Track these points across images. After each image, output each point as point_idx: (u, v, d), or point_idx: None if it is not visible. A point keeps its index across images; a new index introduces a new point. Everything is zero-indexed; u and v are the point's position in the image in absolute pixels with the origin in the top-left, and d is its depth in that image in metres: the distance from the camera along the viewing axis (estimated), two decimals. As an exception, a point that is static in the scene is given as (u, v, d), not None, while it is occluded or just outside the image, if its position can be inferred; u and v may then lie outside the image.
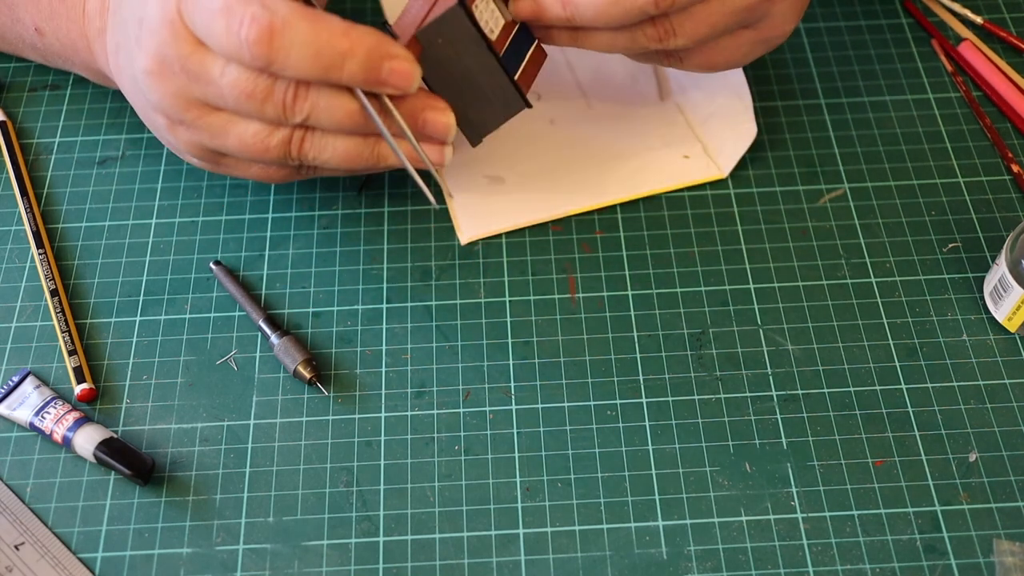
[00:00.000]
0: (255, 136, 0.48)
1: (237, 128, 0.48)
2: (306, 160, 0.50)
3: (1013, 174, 0.60)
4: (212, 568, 0.48)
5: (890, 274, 0.56)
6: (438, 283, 0.56)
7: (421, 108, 0.49)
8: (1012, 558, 0.48)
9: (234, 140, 0.49)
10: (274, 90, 0.46)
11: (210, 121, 0.48)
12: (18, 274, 0.57)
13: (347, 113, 0.47)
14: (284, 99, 0.46)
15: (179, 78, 0.47)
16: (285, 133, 0.48)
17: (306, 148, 0.49)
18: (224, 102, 0.47)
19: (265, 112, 0.47)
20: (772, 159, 0.61)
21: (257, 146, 0.49)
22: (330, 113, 0.47)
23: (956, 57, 0.65)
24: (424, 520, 0.49)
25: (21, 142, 0.62)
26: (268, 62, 0.44)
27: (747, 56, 0.56)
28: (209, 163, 0.52)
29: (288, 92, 0.46)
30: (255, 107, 0.46)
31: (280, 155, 0.49)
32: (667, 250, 0.57)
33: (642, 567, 0.48)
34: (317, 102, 0.47)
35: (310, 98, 0.46)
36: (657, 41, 0.52)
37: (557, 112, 0.62)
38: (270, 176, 0.53)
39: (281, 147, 0.49)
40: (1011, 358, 0.53)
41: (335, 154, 0.50)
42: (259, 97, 0.46)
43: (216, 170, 0.53)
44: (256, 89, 0.46)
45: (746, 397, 0.52)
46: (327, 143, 0.49)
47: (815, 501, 0.49)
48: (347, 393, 0.53)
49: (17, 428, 0.52)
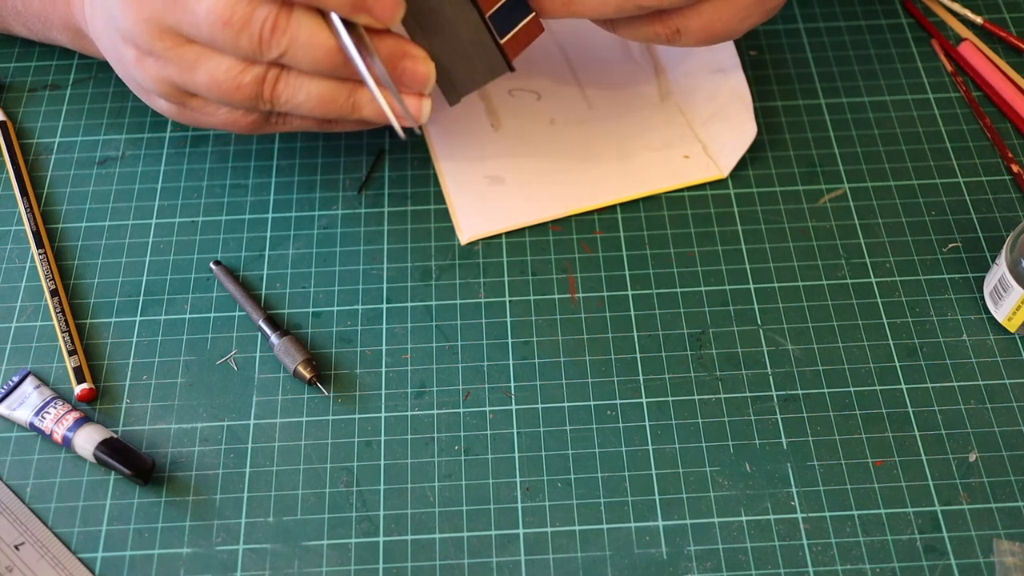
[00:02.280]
0: (227, 72, 0.46)
1: (209, 63, 0.46)
2: (278, 103, 0.48)
3: (1013, 174, 0.60)
4: (212, 568, 0.48)
5: (890, 274, 0.56)
6: (438, 283, 0.56)
7: (400, 55, 0.47)
8: (1012, 558, 0.48)
9: (204, 76, 0.47)
10: (252, 19, 0.44)
11: (181, 52, 0.46)
12: (18, 274, 0.57)
13: (326, 51, 0.45)
14: (261, 30, 0.44)
15: (154, 2, 0.45)
16: (259, 71, 0.46)
17: (280, 89, 0.47)
18: (199, 31, 0.45)
19: (240, 43, 0.44)
20: (772, 159, 0.61)
21: (228, 83, 0.47)
22: (308, 50, 0.45)
23: (956, 57, 0.65)
24: (424, 520, 0.49)
25: (21, 142, 0.62)
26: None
27: (744, 21, 0.53)
28: (176, 105, 0.50)
29: (266, 22, 0.44)
30: (230, 37, 0.44)
31: (252, 95, 0.47)
32: (667, 250, 0.57)
33: (642, 567, 0.48)
34: (296, 36, 0.44)
35: (289, 31, 0.44)
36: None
37: (557, 112, 0.62)
38: (237, 122, 0.51)
39: (254, 86, 0.47)
40: (1011, 358, 0.53)
41: (309, 97, 0.47)
42: (236, 26, 0.44)
43: (182, 116, 0.51)
44: (233, 16, 0.44)
45: (746, 397, 0.52)
46: (302, 84, 0.47)
47: (815, 501, 0.49)
48: (347, 393, 0.53)
49: (17, 428, 0.52)
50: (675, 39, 0.53)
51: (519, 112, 0.62)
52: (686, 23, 0.52)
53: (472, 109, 0.63)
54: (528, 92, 0.63)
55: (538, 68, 0.64)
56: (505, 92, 0.63)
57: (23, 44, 0.66)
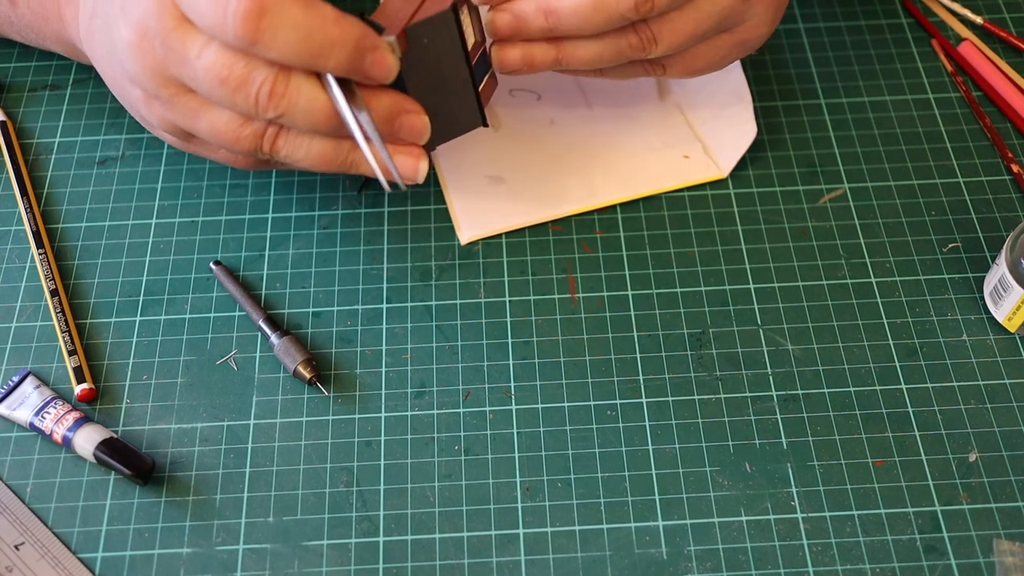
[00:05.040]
0: (228, 124, 0.47)
1: (211, 114, 0.47)
2: (278, 157, 0.49)
3: (1013, 174, 0.60)
4: (212, 568, 0.48)
5: (890, 274, 0.56)
6: (438, 283, 0.56)
7: (398, 111, 0.48)
8: (1012, 558, 0.48)
9: (206, 125, 0.48)
10: (249, 80, 0.44)
11: (184, 101, 0.47)
12: (18, 274, 0.57)
13: (325, 115, 0.46)
14: (259, 92, 0.45)
15: (158, 52, 0.45)
16: (259, 127, 0.47)
17: (279, 145, 0.48)
18: (198, 85, 0.46)
19: (236, 102, 0.45)
20: (772, 159, 0.61)
21: (228, 135, 0.47)
22: (306, 114, 0.46)
23: (956, 57, 0.65)
24: (424, 520, 0.49)
25: (21, 142, 0.62)
26: (252, 41, 0.43)
27: (725, 59, 0.56)
28: (180, 141, 0.51)
29: (264, 86, 0.45)
30: (227, 95, 0.45)
31: (251, 147, 0.48)
32: (667, 250, 0.57)
33: (642, 567, 0.48)
34: (295, 101, 0.45)
35: (288, 95, 0.45)
36: (640, 50, 0.52)
37: (557, 112, 0.62)
38: (236, 163, 0.52)
39: (253, 140, 0.48)
40: (1011, 358, 0.53)
41: (308, 155, 0.49)
42: (232, 84, 0.44)
43: (186, 148, 0.52)
44: (230, 76, 0.44)
45: (746, 397, 0.52)
46: (301, 143, 0.48)
47: (815, 501, 0.49)
48: (347, 393, 0.53)
49: (17, 428, 0.52)
50: (661, 74, 0.56)
51: (519, 112, 0.62)
52: (670, 62, 0.55)
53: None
54: (528, 92, 0.63)
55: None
56: (505, 92, 0.63)
57: (23, 45, 0.66)
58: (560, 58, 0.52)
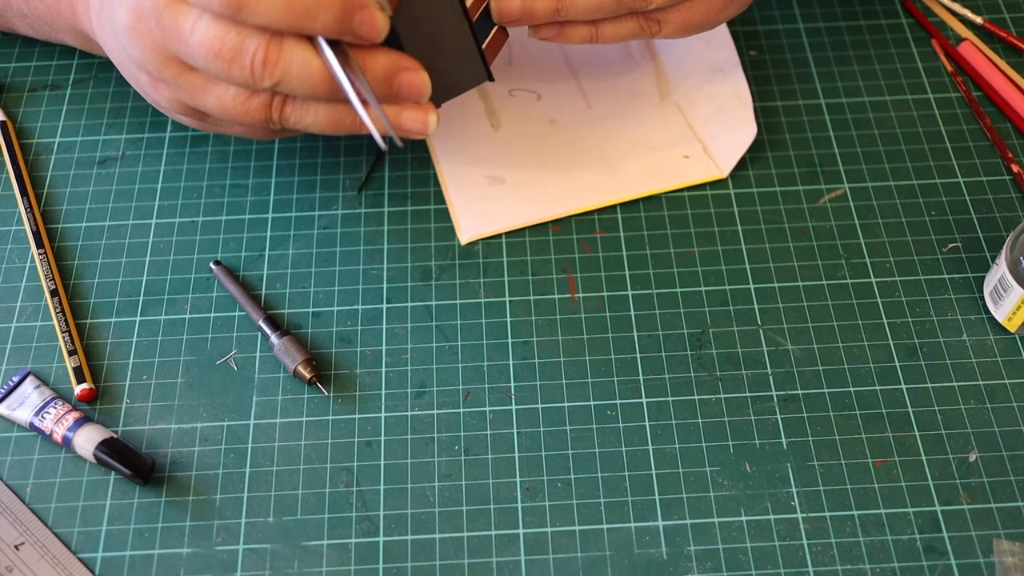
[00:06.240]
0: (235, 99, 0.47)
1: (217, 89, 0.47)
2: (288, 124, 0.49)
3: (1013, 174, 0.60)
4: (212, 568, 0.48)
5: (890, 274, 0.56)
6: (438, 283, 0.56)
7: (396, 70, 0.47)
8: (1012, 558, 0.48)
9: (214, 101, 0.48)
10: (241, 50, 0.44)
11: (189, 80, 0.47)
12: (18, 274, 0.57)
13: (321, 79, 0.45)
14: (252, 62, 0.44)
15: (155, 32, 0.46)
16: (264, 98, 0.47)
17: (288, 112, 0.48)
18: (195, 61, 0.46)
19: (233, 74, 0.45)
20: (772, 159, 0.61)
21: (237, 109, 0.47)
22: (303, 80, 0.45)
23: (956, 57, 0.65)
24: (424, 520, 0.49)
25: (21, 142, 0.62)
26: (238, 7, 0.43)
27: (720, 13, 0.56)
28: (195, 120, 0.51)
29: (256, 54, 0.44)
30: (223, 68, 0.45)
31: (261, 118, 0.48)
32: (667, 250, 0.57)
33: (642, 567, 0.48)
34: (289, 67, 0.45)
35: (281, 62, 0.45)
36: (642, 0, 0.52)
37: (557, 112, 0.62)
38: (255, 135, 0.52)
39: (262, 111, 0.48)
40: (1011, 358, 0.53)
41: (317, 120, 0.48)
42: (226, 57, 0.44)
43: (202, 127, 0.52)
44: (223, 48, 0.44)
45: (746, 397, 0.52)
46: (308, 109, 0.48)
47: (815, 501, 0.49)
48: (347, 393, 0.53)
49: (17, 428, 0.52)
50: (655, 33, 0.56)
51: (519, 112, 0.62)
52: (666, 16, 0.55)
53: (472, 109, 0.63)
54: (528, 92, 0.63)
55: (538, 68, 0.64)
56: (505, 92, 0.63)
57: (23, 44, 0.66)
58: (560, 7, 0.52)
